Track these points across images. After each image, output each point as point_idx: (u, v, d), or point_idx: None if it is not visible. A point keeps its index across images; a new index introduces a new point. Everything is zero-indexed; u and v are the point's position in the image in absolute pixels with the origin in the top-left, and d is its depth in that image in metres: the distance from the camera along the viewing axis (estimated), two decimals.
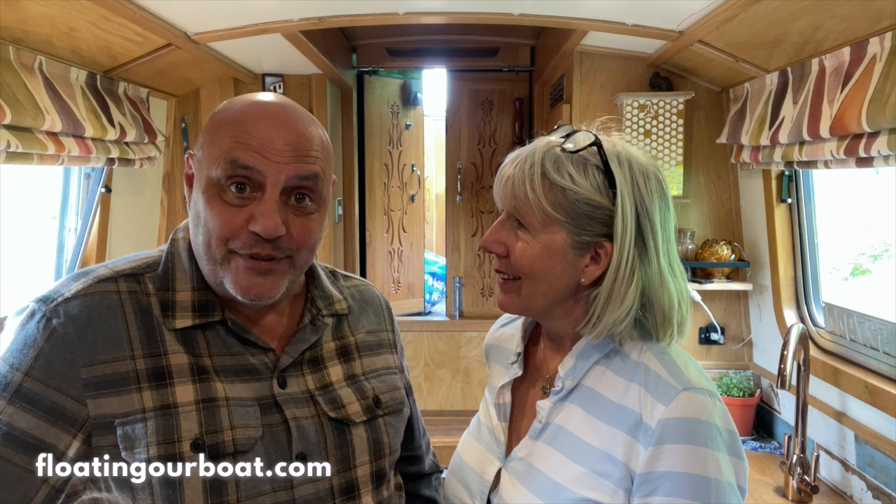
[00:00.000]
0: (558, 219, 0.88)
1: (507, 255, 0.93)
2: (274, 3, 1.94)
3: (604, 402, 0.89)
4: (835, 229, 2.45)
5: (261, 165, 0.81)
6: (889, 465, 1.65)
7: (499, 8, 2.03)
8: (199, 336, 0.87)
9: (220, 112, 0.87)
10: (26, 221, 2.25)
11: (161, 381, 0.83)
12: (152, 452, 0.80)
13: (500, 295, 0.97)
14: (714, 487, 0.80)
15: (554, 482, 0.88)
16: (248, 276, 0.84)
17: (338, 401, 0.93)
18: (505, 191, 0.92)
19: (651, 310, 0.90)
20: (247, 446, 0.84)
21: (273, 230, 0.81)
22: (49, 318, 0.81)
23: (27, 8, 1.51)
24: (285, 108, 0.86)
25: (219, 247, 0.84)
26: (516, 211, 0.91)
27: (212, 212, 0.83)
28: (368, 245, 3.82)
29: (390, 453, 0.98)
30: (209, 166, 0.83)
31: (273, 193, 0.82)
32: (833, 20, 1.53)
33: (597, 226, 0.89)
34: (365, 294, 1.10)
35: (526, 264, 0.91)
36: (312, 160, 0.85)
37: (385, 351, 1.06)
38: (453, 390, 3.23)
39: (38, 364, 0.80)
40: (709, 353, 2.49)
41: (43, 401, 0.79)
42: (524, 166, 0.90)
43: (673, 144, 2.34)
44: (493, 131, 3.58)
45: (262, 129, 0.82)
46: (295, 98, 2.87)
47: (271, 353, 0.91)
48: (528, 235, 0.90)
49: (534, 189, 0.88)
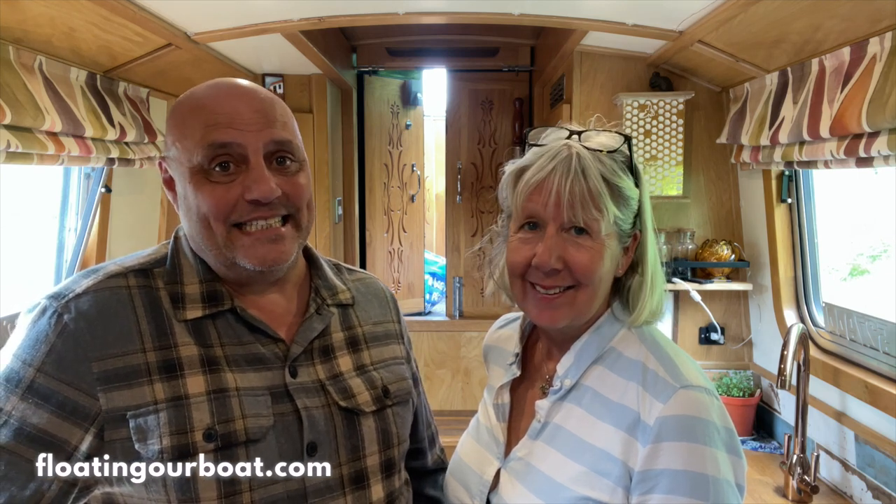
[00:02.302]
0: (617, 216, 0.90)
1: (564, 268, 0.90)
2: (274, 3, 1.94)
3: (602, 401, 0.90)
4: (834, 229, 2.44)
5: (238, 138, 0.84)
6: (889, 465, 1.65)
7: (499, 8, 2.03)
8: (209, 326, 0.89)
9: (178, 107, 0.89)
10: (26, 221, 2.25)
11: (172, 373, 0.84)
12: (165, 443, 0.80)
13: (547, 311, 0.91)
14: (712, 484, 0.80)
15: (553, 481, 0.89)
16: (260, 246, 0.87)
17: (348, 390, 0.94)
18: (557, 202, 0.88)
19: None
20: (258, 435, 0.85)
21: (270, 192, 0.84)
22: (60, 314, 0.82)
23: (27, 8, 1.51)
24: (240, 83, 0.90)
25: (219, 227, 0.85)
26: (575, 219, 0.88)
27: (203, 195, 0.85)
28: (368, 245, 3.82)
29: (399, 443, 0.99)
30: (188, 157, 0.85)
31: (258, 160, 0.85)
32: (833, 20, 1.53)
33: (633, 217, 0.93)
34: (370, 286, 1.11)
35: (594, 271, 0.89)
36: (281, 124, 0.88)
37: (392, 341, 1.07)
38: (453, 390, 3.23)
39: (50, 359, 0.81)
40: (709, 353, 2.49)
41: (55, 396, 0.80)
42: (577, 174, 0.88)
43: (673, 144, 2.34)
44: (493, 131, 3.58)
45: (227, 106, 0.85)
46: (295, 98, 2.89)
47: (281, 344, 0.92)
48: (590, 240, 0.89)
49: (600, 194, 0.88)
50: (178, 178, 0.88)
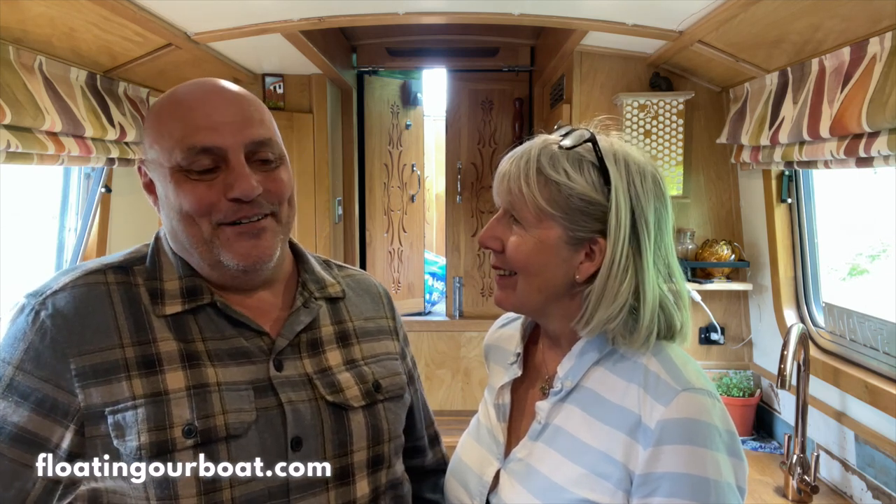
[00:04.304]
0: (552, 214, 0.89)
1: (503, 250, 0.93)
2: (274, 3, 1.94)
3: (603, 403, 0.89)
4: (833, 230, 2.44)
5: (218, 142, 0.84)
6: (889, 465, 1.65)
7: (499, 8, 2.03)
8: (190, 322, 0.88)
9: (156, 108, 0.88)
10: (26, 221, 2.25)
11: (151, 369, 0.83)
12: (143, 440, 0.79)
13: (497, 291, 0.98)
14: (714, 488, 0.80)
15: (553, 483, 0.88)
16: (242, 241, 0.86)
17: (336, 385, 0.93)
18: (501, 187, 0.93)
19: (640, 309, 0.89)
20: (240, 430, 0.83)
21: (251, 190, 0.84)
22: (38, 311, 0.83)
23: (27, 8, 1.51)
24: (216, 82, 0.90)
25: (203, 224, 0.85)
26: (511, 206, 0.92)
27: (184, 193, 0.84)
28: (368, 245, 3.82)
29: (390, 439, 0.97)
30: (168, 158, 0.84)
31: (238, 159, 0.84)
32: (833, 20, 1.53)
33: (591, 222, 0.89)
34: (361, 282, 1.09)
35: (520, 259, 0.92)
36: (258, 122, 0.88)
37: (385, 337, 1.06)
38: (453, 390, 3.23)
39: (28, 357, 0.81)
40: (709, 353, 2.49)
41: (34, 393, 0.80)
42: (520, 162, 0.91)
43: (673, 144, 2.34)
44: (493, 131, 3.58)
45: (205, 107, 0.85)
46: (295, 98, 2.89)
47: (266, 337, 0.90)
48: (523, 230, 0.91)
49: (528, 184, 0.89)
50: (158, 179, 0.87)
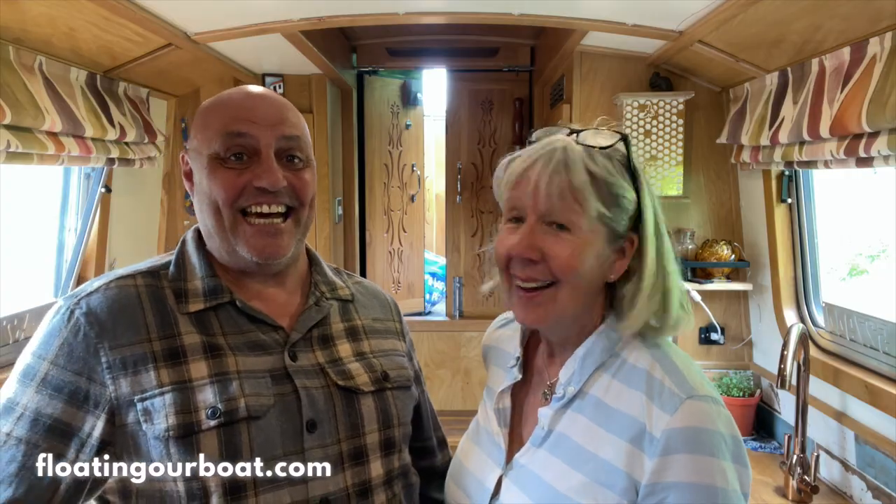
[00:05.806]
0: (603, 214, 0.87)
1: (542, 260, 0.88)
2: (274, 3, 1.94)
3: (607, 411, 0.89)
4: (832, 229, 2.44)
5: (253, 130, 0.93)
6: (889, 465, 1.65)
7: (499, 8, 2.03)
8: (212, 318, 0.95)
9: (207, 104, 0.99)
10: (26, 221, 2.25)
11: (176, 360, 0.90)
12: (171, 421, 0.86)
13: (527, 310, 0.91)
14: (721, 496, 0.80)
15: (555, 491, 0.88)
16: (259, 238, 0.94)
17: (347, 373, 0.99)
18: (535, 193, 0.87)
19: (668, 297, 0.91)
20: (259, 412, 0.90)
21: (277, 182, 0.93)
22: (72, 311, 0.90)
23: (27, 8, 1.51)
24: (261, 88, 1.02)
25: (228, 211, 0.93)
26: (553, 212, 0.87)
27: (216, 179, 0.93)
28: (368, 245, 3.82)
29: (399, 424, 1.03)
30: (207, 147, 0.94)
31: (268, 153, 0.94)
32: (833, 20, 1.53)
33: (628, 219, 0.90)
34: (370, 288, 1.18)
35: (573, 265, 0.87)
36: (292, 124, 0.98)
37: (392, 337, 1.13)
38: (453, 390, 3.23)
39: (63, 352, 0.88)
40: (709, 353, 2.49)
41: (67, 386, 0.87)
42: (559, 166, 0.87)
43: (673, 144, 2.34)
44: (493, 131, 3.58)
45: (247, 103, 0.96)
46: (295, 98, 2.88)
47: (281, 331, 0.98)
48: (570, 235, 0.87)
49: (579, 186, 0.86)
50: (196, 168, 0.97)
